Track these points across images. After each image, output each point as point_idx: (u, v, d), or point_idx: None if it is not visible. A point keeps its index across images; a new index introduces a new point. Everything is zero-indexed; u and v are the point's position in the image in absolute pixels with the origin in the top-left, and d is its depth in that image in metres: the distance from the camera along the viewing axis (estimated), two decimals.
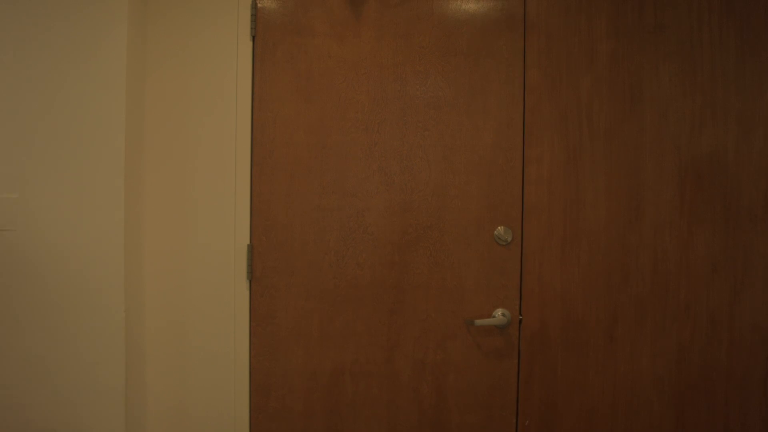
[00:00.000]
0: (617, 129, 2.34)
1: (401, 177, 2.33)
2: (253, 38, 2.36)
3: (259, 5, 2.36)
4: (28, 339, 2.25)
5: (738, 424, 2.34)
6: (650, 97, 2.36)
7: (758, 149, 2.32)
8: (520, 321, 2.34)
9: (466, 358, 2.35)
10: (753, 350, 2.32)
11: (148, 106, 2.40)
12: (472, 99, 2.34)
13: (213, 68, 2.39)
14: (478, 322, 2.25)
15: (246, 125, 2.37)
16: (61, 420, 2.25)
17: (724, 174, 2.33)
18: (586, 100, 2.34)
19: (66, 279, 2.24)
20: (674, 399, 2.36)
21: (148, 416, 2.41)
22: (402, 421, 2.36)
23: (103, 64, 2.24)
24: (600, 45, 2.37)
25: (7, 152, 2.25)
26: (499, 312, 2.32)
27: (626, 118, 2.34)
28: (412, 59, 2.33)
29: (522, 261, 2.33)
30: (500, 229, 2.31)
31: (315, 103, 2.34)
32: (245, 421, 2.38)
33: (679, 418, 2.36)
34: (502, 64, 2.35)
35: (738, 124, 2.32)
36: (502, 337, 2.35)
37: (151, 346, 2.41)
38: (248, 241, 2.37)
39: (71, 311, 2.25)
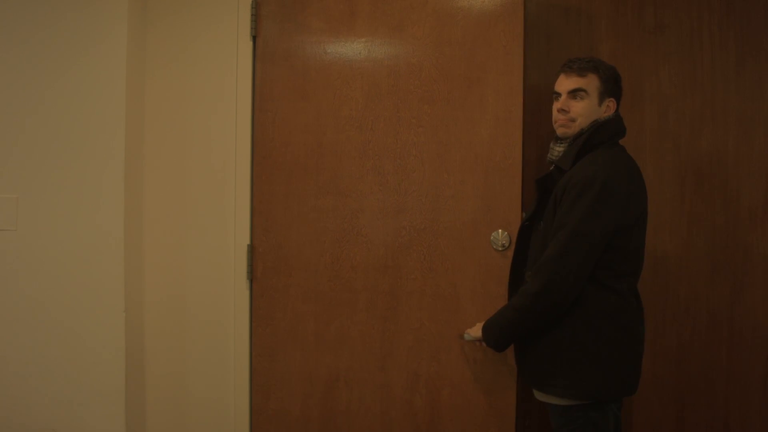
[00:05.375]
0: None
1: (395, 177, 2.27)
2: (254, 38, 2.36)
3: (259, 5, 2.35)
4: (29, 339, 2.25)
5: (738, 424, 2.33)
6: (650, 97, 2.35)
7: (758, 149, 2.31)
8: None
9: (461, 372, 2.24)
10: (753, 350, 2.32)
11: (148, 106, 2.40)
12: (467, 91, 2.24)
13: (213, 68, 2.38)
14: (468, 336, 2.10)
15: (246, 125, 2.37)
16: (61, 420, 2.25)
17: (724, 174, 2.33)
18: None
19: (66, 279, 2.24)
20: (674, 399, 2.36)
21: (148, 416, 2.41)
22: None
23: (103, 64, 2.24)
24: (600, 45, 2.36)
25: (8, 152, 2.25)
26: None
27: (626, 117, 2.32)
28: (405, 51, 2.26)
29: None
30: (497, 233, 2.20)
31: (311, 101, 2.32)
32: (245, 421, 2.38)
33: (679, 418, 2.36)
34: (499, 51, 2.21)
35: (738, 124, 2.32)
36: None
37: (151, 346, 2.41)
38: (248, 241, 2.36)
39: (71, 311, 2.25)
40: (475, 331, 2.04)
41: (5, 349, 2.25)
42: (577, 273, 1.75)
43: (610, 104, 1.89)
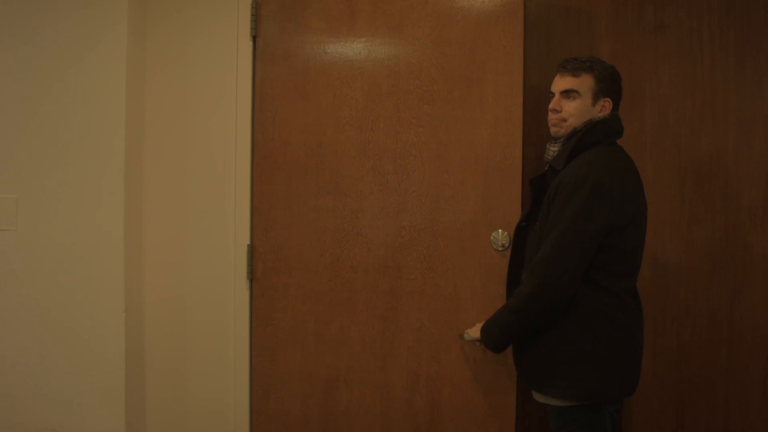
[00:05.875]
0: None
1: (395, 176, 2.26)
2: (254, 38, 2.36)
3: (259, 5, 2.35)
4: (29, 339, 2.25)
5: (738, 424, 2.34)
6: (650, 97, 2.35)
7: (758, 149, 2.31)
8: None
9: (461, 372, 2.24)
10: (753, 350, 2.32)
11: (148, 106, 2.40)
12: (467, 92, 2.23)
13: (213, 68, 2.38)
14: (468, 337, 2.10)
15: (246, 125, 2.37)
16: (61, 420, 2.25)
17: (724, 174, 2.33)
18: None
19: (66, 279, 2.25)
20: (674, 399, 2.36)
21: (148, 416, 2.41)
22: None
23: (103, 64, 2.24)
24: (600, 45, 2.36)
25: (8, 152, 2.25)
26: None
27: (626, 117, 2.33)
28: (405, 51, 2.26)
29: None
30: (497, 233, 2.20)
31: (311, 101, 2.32)
32: (245, 421, 2.38)
33: (679, 418, 2.36)
34: (499, 51, 2.21)
35: (738, 124, 2.32)
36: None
37: (151, 345, 2.41)
38: (248, 241, 2.36)
39: (71, 311, 2.25)
40: (475, 332, 2.04)
41: (5, 349, 2.25)
42: (571, 273, 1.74)
43: (606, 104, 1.88)
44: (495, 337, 1.92)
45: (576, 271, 1.75)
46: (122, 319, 2.24)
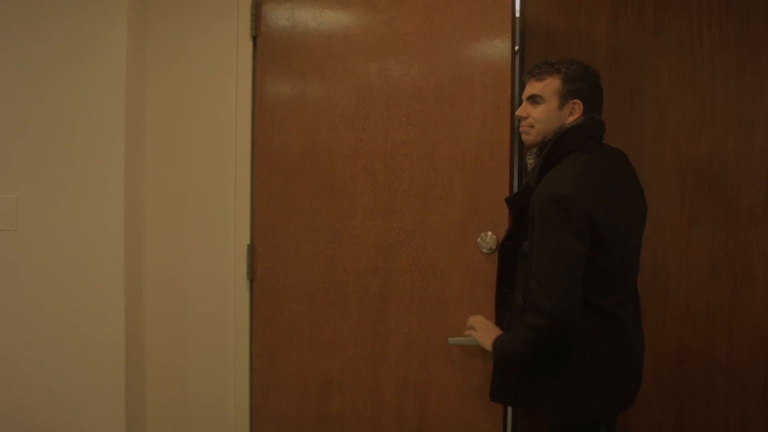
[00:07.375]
0: (617, 129, 2.34)
1: (385, 176, 2.23)
2: (254, 38, 2.36)
3: (259, 5, 2.35)
4: (29, 339, 2.25)
5: (738, 424, 2.33)
6: (650, 97, 2.35)
7: (758, 149, 2.31)
8: None
9: (449, 379, 2.19)
10: (753, 350, 2.32)
11: (148, 106, 2.40)
12: (456, 87, 2.17)
13: (213, 68, 2.39)
14: (452, 340, 2.06)
15: (246, 125, 2.37)
16: (61, 420, 2.25)
17: (724, 174, 2.32)
18: None
19: (66, 279, 2.25)
20: (674, 399, 2.35)
21: (148, 416, 2.41)
22: None
23: (103, 64, 2.24)
24: (600, 45, 2.36)
25: (8, 153, 2.26)
26: None
27: (626, 118, 2.34)
28: (396, 48, 2.23)
29: None
30: (485, 234, 2.14)
31: (307, 100, 2.32)
32: (246, 422, 2.38)
33: (679, 418, 2.36)
34: (487, 45, 2.14)
35: (738, 124, 2.31)
36: (487, 358, 2.10)
37: (151, 345, 2.41)
38: (248, 241, 2.37)
39: (71, 311, 2.25)
40: (467, 337, 2.01)
41: (5, 349, 2.26)
42: (575, 296, 1.68)
43: (575, 106, 1.81)
44: (505, 357, 1.83)
45: (578, 293, 1.68)
46: (122, 319, 2.25)
